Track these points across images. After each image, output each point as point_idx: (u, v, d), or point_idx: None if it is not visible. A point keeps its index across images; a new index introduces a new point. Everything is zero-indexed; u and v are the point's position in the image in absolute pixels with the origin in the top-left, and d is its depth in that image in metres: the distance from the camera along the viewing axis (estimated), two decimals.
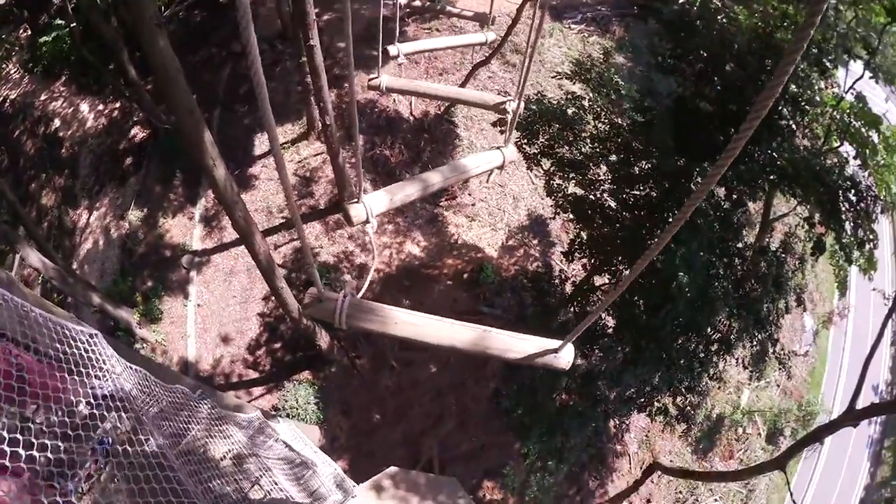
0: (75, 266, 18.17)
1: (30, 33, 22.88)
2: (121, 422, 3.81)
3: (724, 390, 22.01)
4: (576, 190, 13.74)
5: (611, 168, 13.00)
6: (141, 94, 17.98)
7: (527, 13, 17.83)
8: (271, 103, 2.17)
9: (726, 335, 11.96)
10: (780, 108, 10.55)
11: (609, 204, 13.25)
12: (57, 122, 21.48)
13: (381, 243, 17.86)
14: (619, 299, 13.05)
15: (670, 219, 11.78)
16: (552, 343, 3.94)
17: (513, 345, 3.99)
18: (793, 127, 10.90)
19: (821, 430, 12.40)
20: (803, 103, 10.81)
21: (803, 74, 10.96)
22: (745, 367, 13.27)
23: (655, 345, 11.40)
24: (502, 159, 5.44)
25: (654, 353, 11.47)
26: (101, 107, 21.68)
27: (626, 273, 12.95)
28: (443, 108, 20.34)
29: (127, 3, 6.66)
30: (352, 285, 3.92)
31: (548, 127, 13.08)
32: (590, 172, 13.27)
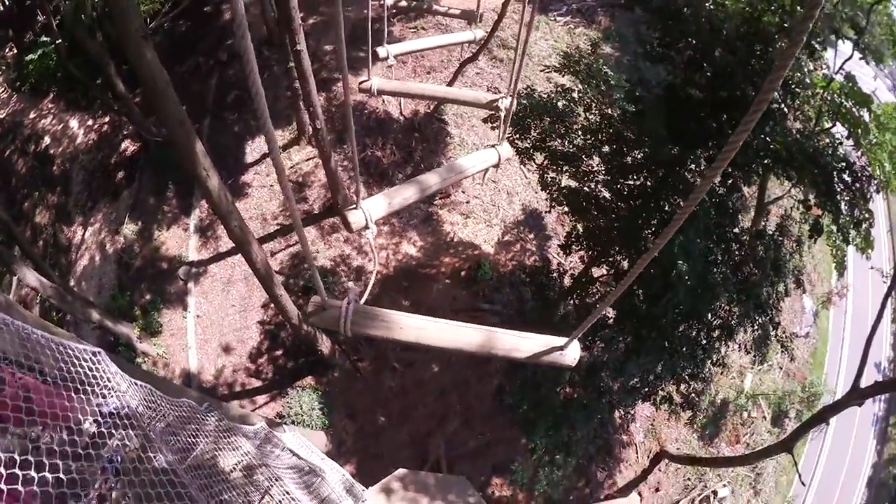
0: (73, 283, 18.13)
1: (15, 52, 22.84)
2: (129, 439, 3.79)
3: (728, 375, 22.05)
4: (570, 182, 13.70)
5: (604, 159, 12.97)
6: (130, 107, 17.93)
7: (512, 7, 17.82)
8: None
9: (727, 321, 11.95)
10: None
11: (604, 195, 13.23)
12: (47, 140, 21.44)
13: (377, 245, 17.83)
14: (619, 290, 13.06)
15: (666, 207, 11.85)
16: (558, 340, 3.91)
17: (519, 344, 3.96)
18: (784, 110, 10.87)
19: (826, 411, 12.42)
20: (794, 86, 10.80)
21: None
22: (747, 352, 13.26)
23: (657, 333, 11.39)
24: (498, 157, 5.42)
25: (657, 342, 11.45)
26: (90, 122, 21.63)
27: (624, 263, 12.97)
28: (433, 106, 20.27)
29: (112, 17, 6.64)
30: (355, 291, 3.90)
31: (539, 121, 13.04)
32: (583, 164, 13.23)
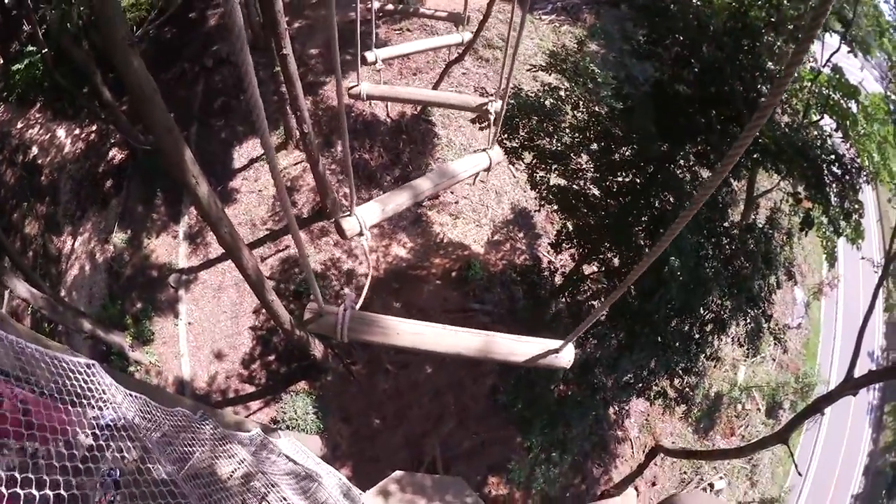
0: (63, 293, 18.04)
1: (1, 62, 22.69)
2: (127, 451, 3.78)
3: (721, 368, 22.09)
4: (559, 181, 13.72)
5: (592, 157, 13.00)
6: (116, 115, 17.85)
7: (497, 7, 17.82)
8: (247, 115, 2.14)
9: (720, 315, 11.99)
10: (759, 86, 10.59)
11: (593, 192, 13.26)
12: (35, 150, 21.33)
13: (362, 244, 17.81)
14: (612, 288, 13.08)
15: (656, 203, 11.88)
16: (553, 343, 3.94)
17: (515, 348, 4.00)
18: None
19: (820, 401, 12.47)
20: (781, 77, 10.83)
21: (779, 51, 11.00)
22: (740, 345, 13.27)
23: (650, 329, 11.43)
24: (489, 161, 5.42)
25: (650, 338, 11.49)
26: (77, 131, 21.53)
27: (615, 260, 13.01)
28: (419, 108, 20.24)
29: (98, 25, 6.62)
30: (351, 298, 3.88)
31: (527, 120, 13.05)
32: (572, 163, 13.26)
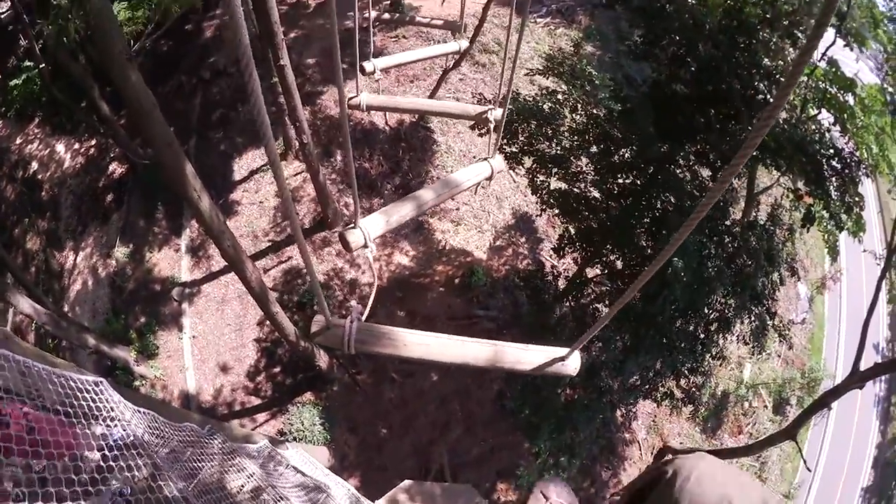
0: (66, 309, 18.02)
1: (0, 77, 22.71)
2: (137, 469, 3.75)
3: (727, 367, 22.08)
4: (559, 185, 13.72)
5: (592, 159, 13.01)
6: (115, 129, 17.84)
7: (492, 12, 17.83)
8: (246, 126, 2.12)
9: (724, 313, 12.00)
10: (756, 82, 10.61)
11: (594, 195, 13.28)
12: (35, 165, 21.32)
13: (367, 256, 17.81)
14: (615, 290, 13.08)
15: (657, 204, 11.88)
16: (559, 351, 3.94)
17: (521, 357, 3.99)
18: (770, 100, 10.90)
19: (827, 396, 12.41)
20: (778, 76, 10.84)
21: (775, 47, 11.01)
22: (745, 343, 13.26)
23: (655, 331, 11.43)
24: (490, 170, 5.41)
25: (655, 340, 11.51)
26: (76, 146, 21.53)
27: (617, 263, 13.01)
28: (418, 115, 20.25)
29: (94, 40, 6.61)
30: (357, 310, 3.87)
31: (526, 125, 13.06)
32: (572, 166, 13.27)
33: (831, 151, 11.12)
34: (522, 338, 4.11)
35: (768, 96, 10.80)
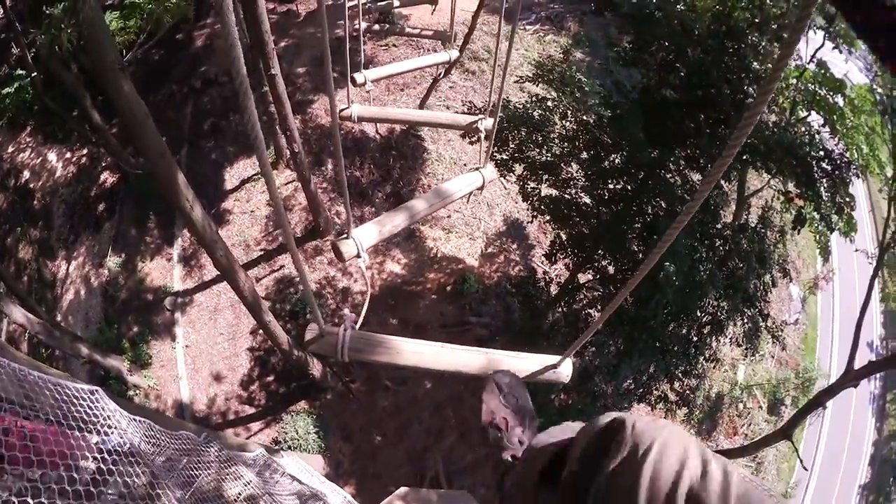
0: (59, 318, 17.94)
1: None
2: (136, 477, 3.75)
3: (720, 369, 22.10)
4: (550, 191, 13.74)
5: (582, 165, 13.04)
6: (107, 138, 17.75)
7: (481, 20, 17.86)
8: (237, 135, 2.12)
9: (717, 316, 12.04)
10: (745, 86, 10.64)
11: (584, 201, 13.29)
12: (26, 174, 21.24)
13: (360, 265, 17.80)
14: (607, 295, 13.11)
15: (648, 210, 11.92)
16: (551, 359, 3.94)
17: (513, 364, 3.99)
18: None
19: (822, 395, 12.48)
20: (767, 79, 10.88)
21: (764, 51, 11.06)
22: (738, 345, 13.33)
23: (648, 334, 11.47)
24: (482, 180, 5.42)
25: (648, 343, 11.54)
26: (68, 155, 21.46)
27: (609, 268, 13.04)
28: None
29: (87, 49, 6.63)
30: (351, 318, 3.86)
31: (516, 132, 13.08)
32: (562, 172, 13.29)
33: (821, 153, 11.17)
34: (515, 344, 4.13)
35: None
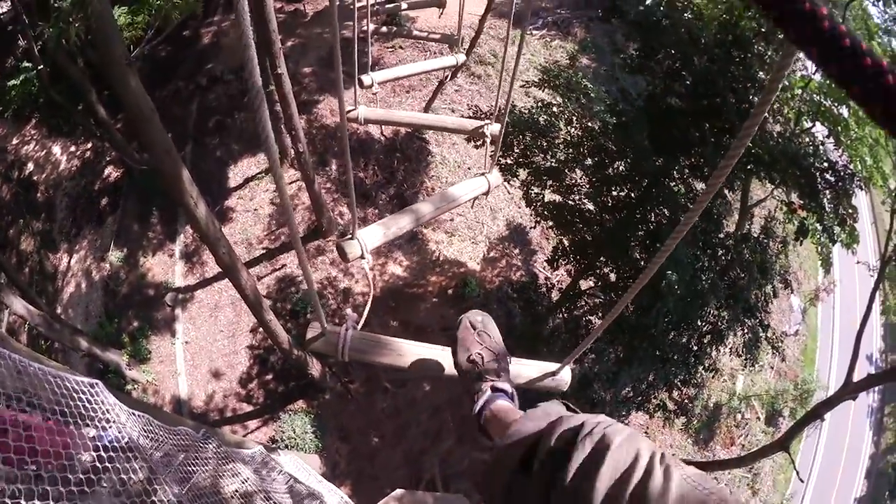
0: (59, 311, 17.94)
1: None
2: (133, 472, 3.75)
3: (719, 379, 22.02)
4: (554, 197, 13.74)
5: (587, 172, 13.03)
6: (112, 133, 17.76)
7: (488, 24, 17.85)
8: (242, 133, 2.11)
9: (717, 326, 12.03)
10: (751, 96, 10.65)
11: (588, 208, 13.29)
12: (31, 166, 21.25)
13: (363, 266, 17.78)
14: (609, 302, 13.10)
15: (652, 217, 11.91)
16: (551, 366, 3.93)
17: (513, 370, 3.99)
18: (765, 115, 10.95)
19: (820, 407, 12.43)
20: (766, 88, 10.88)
21: (770, 61, 11.07)
22: (738, 355, 13.31)
23: (648, 343, 11.45)
24: (487, 186, 5.41)
25: (648, 352, 11.52)
26: (73, 148, 21.47)
27: (611, 275, 13.03)
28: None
29: (95, 44, 6.62)
30: (353, 318, 3.85)
31: (521, 137, 13.07)
32: (566, 178, 13.29)
33: (825, 164, 11.18)
34: (515, 349, 4.09)
35: None
